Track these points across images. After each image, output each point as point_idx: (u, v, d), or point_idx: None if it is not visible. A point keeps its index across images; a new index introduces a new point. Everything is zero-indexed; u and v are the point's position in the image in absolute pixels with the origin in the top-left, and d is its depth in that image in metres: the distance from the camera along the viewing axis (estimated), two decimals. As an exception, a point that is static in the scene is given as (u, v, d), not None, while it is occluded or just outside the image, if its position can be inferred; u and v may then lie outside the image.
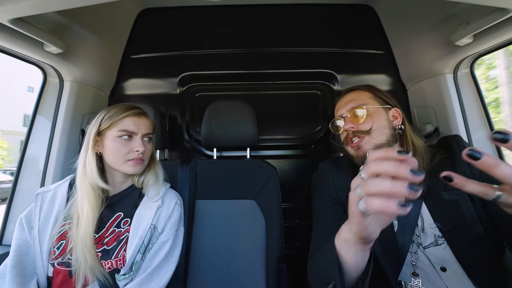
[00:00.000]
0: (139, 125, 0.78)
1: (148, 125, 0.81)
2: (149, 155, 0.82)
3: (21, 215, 0.77)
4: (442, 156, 0.73)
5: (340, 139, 0.84)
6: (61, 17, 0.91)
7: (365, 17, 1.38)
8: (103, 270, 0.70)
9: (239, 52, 1.39)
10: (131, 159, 0.77)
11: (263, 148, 1.40)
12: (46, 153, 1.08)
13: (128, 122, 0.77)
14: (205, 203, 1.01)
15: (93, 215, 0.72)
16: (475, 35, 0.87)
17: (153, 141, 0.86)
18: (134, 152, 0.76)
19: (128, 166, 0.77)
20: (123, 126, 0.76)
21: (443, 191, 0.68)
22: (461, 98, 1.09)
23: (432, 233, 0.67)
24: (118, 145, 0.76)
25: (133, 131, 0.77)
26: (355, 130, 0.75)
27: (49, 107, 1.10)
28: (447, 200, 0.67)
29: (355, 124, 0.75)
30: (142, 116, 0.81)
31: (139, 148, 0.76)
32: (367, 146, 0.72)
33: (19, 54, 0.90)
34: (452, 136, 0.76)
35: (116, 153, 0.76)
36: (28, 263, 0.73)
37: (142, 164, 0.80)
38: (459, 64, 1.06)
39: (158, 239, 0.77)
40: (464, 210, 0.65)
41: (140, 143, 0.77)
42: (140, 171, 0.80)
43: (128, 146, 0.76)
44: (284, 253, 0.94)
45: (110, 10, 1.17)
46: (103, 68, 1.27)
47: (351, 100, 0.79)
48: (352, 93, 0.83)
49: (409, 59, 1.27)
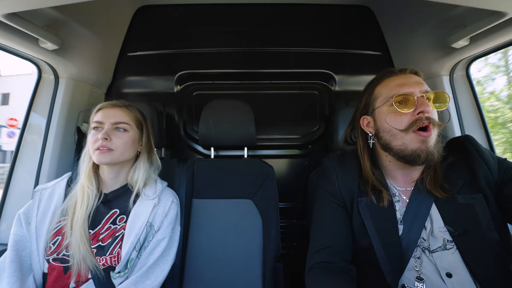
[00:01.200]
0: (108, 115, 0.79)
1: (119, 114, 0.80)
2: (121, 146, 0.78)
3: (20, 211, 0.77)
4: (454, 157, 0.69)
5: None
6: (56, 13, 0.90)
7: (363, 18, 1.39)
8: (94, 260, 0.70)
9: (237, 51, 1.39)
10: (97, 148, 0.76)
11: (261, 147, 1.40)
12: (41, 151, 1.06)
13: (99, 114, 0.79)
14: (202, 202, 1.01)
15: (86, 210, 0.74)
16: (471, 37, 0.88)
17: (142, 133, 0.85)
18: (99, 140, 0.76)
19: (96, 155, 0.76)
20: (95, 118, 0.79)
21: (457, 194, 0.65)
22: (457, 100, 1.10)
23: (442, 236, 0.64)
24: (90, 136, 0.78)
25: (100, 121, 0.78)
26: (431, 117, 0.63)
27: (44, 104, 1.09)
28: (461, 204, 0.64)
29: (435, 110, 0.65)
30: (115, 107, 0.81)
31: (101, 135, 0.75)
32: (432, 143, 0.63)
33: (13, 50, 0.88)
34: (464, 137, 0.72)
35: (89, 144, 0.78)
36: (25, 258, 0.73)
37: (110, 154, 0.76)
38: (455, 66, 1.07)
39: (154, 237, 0.77)
40: (479, 215, 0.62)
41: (104, 132, 0.76)
42: (107, 161, 0.77)
43: (96, 136, 0.77)
44: (280, 252, 0.95)
45: (107, 6, 1.16)
46: (100, 65, 1.26)
47: (421, 83, 0.67)
48: (417, 76, 0.70)
49: (406, 61, 1.28)
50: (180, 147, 1.43)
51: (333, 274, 0.63)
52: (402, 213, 0.68)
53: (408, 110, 0.64)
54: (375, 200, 0.68)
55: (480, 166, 0.65)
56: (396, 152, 0.67)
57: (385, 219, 0.67)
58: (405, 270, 0.64)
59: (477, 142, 0.69)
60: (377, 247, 0.64)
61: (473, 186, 0.65)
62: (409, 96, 0.64)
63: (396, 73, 0.72)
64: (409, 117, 0.64)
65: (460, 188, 0.65)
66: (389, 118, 0.67)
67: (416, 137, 0.63)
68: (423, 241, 0.65)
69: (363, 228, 0.67)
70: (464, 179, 0.66)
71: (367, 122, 0.75)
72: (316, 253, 0.69)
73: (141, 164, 0.84)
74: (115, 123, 0.79)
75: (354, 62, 1.39)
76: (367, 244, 0.66)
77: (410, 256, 0.64)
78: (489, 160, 0.65)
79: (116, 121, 0.79)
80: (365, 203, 0.69)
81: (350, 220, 0.71)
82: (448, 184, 0.66)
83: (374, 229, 0.66)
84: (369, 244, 0.66)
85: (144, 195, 0.81)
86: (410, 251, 0.64)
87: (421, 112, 0.62)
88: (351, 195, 0.72)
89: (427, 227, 0.65)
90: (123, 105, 0.83)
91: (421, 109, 0.62)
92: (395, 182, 0.72)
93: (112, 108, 0.81)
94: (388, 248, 0.64)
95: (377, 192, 0.69)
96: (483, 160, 0.65)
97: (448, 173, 0.68)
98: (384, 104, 0.68)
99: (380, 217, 0.67)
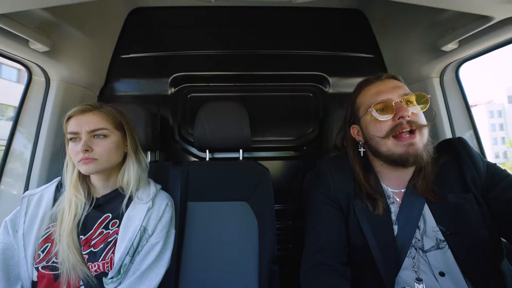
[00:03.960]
0: (81, 123, 0.72)
1: (93, 121, 0.73)
2: (104, 152, 0.74)
3: (6, 219, 0.75)
4: (445, 158, 0.70)
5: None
6: (47, 14, 0.88)
7: (356, 21, 1.41)
8: (86, 270, 0.68)
9: (232, 54, 1.39)
10: (79, 160, 0.72)
11: (256, 149, 1.40)
12: (31, 155, 1.04)
13: (72, 123, 0.73)
14: (197, 205, 1.00)
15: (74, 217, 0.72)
16: (460, 41, 0.91)
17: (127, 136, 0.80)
18: (79, 153, 0.71)
19: (80, 166, 0.73)
20: (69, 128, 0.74)
21: (448, 193, 0.66)
22: (447, 102, 1.13)
23: (434, 236, 0.65)
24: (70, 148, 0.74)
25: (75, 132, 0.72)
26: (412, 120, 0.63)
27: (35, 107, 1.06)
28: (452, 203, 0.65)
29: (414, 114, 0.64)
30: (86, 113, 0.74)
31: (80, 147, 0.71)
32: (420, 144, 0.64)
33: (3, 51, 0.86)
34: (457, 139, 0.73)
35: (72, 157, 0.74)
36: (13, 267, 0.70)
37: (95, 162, 0.73)
38: (445, 69, 1.10)
39: (148, 241, 0.76)
40: (469, 214, 0.63)
41: (82, 143, 0.71)
42: (93, 170, 0.74)
43: (76, 148, 0.72)
44: (276, 254, 0.94)
45: (100, 8, 1.15)
46: (92, 67, 1.24)
47: (398, 87, 0.68)
48: (393, 80, 0.71)
49: (398, 63, 1.30)
50: (175, 150, 1.42)
51: (328, 275, 0.64)
52: (396, 214, 0.69)
53: (388, 117, 0.65)
54: (370, 207, 0.69)
55: (469, 169, 0.67)
56: (385, 158, 0.69)
57: (380, 221, 0.68)
58: (401, 270, 0.65)
59: (469, 145, 0.71)
60: (373, 248, 0.65)
61: (463, 186, 0.66)
62: (387, 102, 0.66)
63: (372, 81, 0.73)
64: (389, 123, 0.65)
65: (451, 188, 0.67)
66: (370, 126, 0.70)
67: (398, 142, 0.65)
68: (417, 241, 0.66)
69: (359, 230, 0.68)
70: (455, 179, 0.68)
71: (356, 131, 0.77)
72: (311, 255, 0.69)
73: (130, 166, 0.80)
74: (92, 131, 0.73)
75: (348, 64, 1.41)
76: (363, 245, 0.67)
77: (405, 255, 0.65)
78: (478, 163, 0.67)
79: (92, 128, 0.73)
80: (361, 206, 0.70)
81: (346, 222, 0.72)
82: (440, 184, 0.68)
83: (370, 230, 0.67)
84: (365, 244, 0.67)
85: (138, 198, 0.79)
86: (405, 251, 0.65)
87: (401, 117, 0.63)
88: (347, 197, 0.73)
89: (421, 227, 0.67)
90: (94, 107, 0.76)
91: (400, 115, 0.63)
92: (389, 184, 0.74)
93: (83, 114, 0.73)
94: (384, 249, 0.65)
95: (372, 200, 0.70)
96: (472, 163, 0.67)
97: (440, 173, 0.69)
98: (366, 114, 0.71)
99: (376, 219, 0.68)
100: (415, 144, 0.63)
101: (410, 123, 0.63)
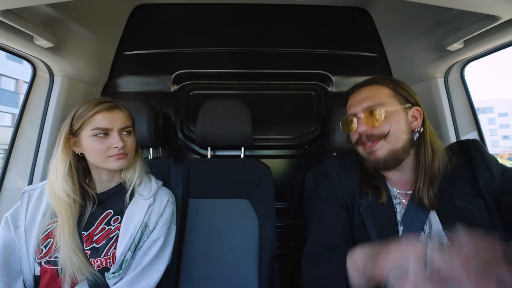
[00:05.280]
0: (113, 120, 0.74)
1: (123, 118, 0.77)
2: (132, 148, 0.79)
3: (7, 214, 0.75)
4: (457, 161, 0.68)
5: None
6: (52, 10, 0.89)
7: (360, 20, 1.40)
8: (92, 270, 0.69)
9: (235, 51, 1.39)
10: (112, 155, 0.74)
11: (258, 147, 1.41)
12: (35, 150, 1.05)
13: (100, 118, 0.72)
14: (198, 202, 1.01)
15: (73, 219, 0.71)
16: (466, 40, 0.89)
17: (134, 133, 0.82)
18: (114, 148, 0.73)
19: (111, 162, 0.74)
20: (96, 124, 0.72)
21: (456, 198, 0.64)
22: (451, 102, 1.12)
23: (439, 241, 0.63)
24: (95, 144, 0.72)
25: (107, 128, 0.73)
26: (369, 134, 0.67)
27: (39, 102, 1.07)
28: (460, 208, 0.63)
29: (370, 128, 0.67)
30: (114, 110, 0.76)
31: (118, 144, 0.73)
32: (382, 151, 0.66)
33: (8, 47, 0.87)
34: (471, 141, 0.70)
35: (95, 153, 0.73)
36: (14, 262, 0.71)
37: (126, 158, 0.76)
38: (450, 69, 1.09)
39: (149, 237, 0.76)
40: (477, 219, 0.61)
41: (117, 138, 0.73)
42: (125, 165, 0.77)
43: (106, 144, 0.73)
44: (277, 252, 0.95)
45: (103, 5, 1.15)
46: (96, 64, 1.25)
47: (367, 98, 0.69)
48: (369, 88, 0.72)
49: (402, 63, 1.29)
50: (177, 147, 1.42)
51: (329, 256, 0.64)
52: (401, 215, 0.69)
53: (352, 130, 0.72)
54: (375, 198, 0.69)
55: (482, 173, 0.64)
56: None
57: (385, 220, 0.67)
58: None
59: (484, 148, 0.68)
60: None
61: (473, 191, 0.64)
62: (352, 117, 0.71)
63: (350, 93, 0.76)
64: (355, 135, 0.72)
65: (460, 192, 0.65)
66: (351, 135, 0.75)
67: (364, 150, 0.71)
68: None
69: (364, 229, 0.68)
70: (466, 183, 0.66)
71: None
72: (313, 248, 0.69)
73: (137, 163, 0.83)
74: (123, 128, 0.76)
75: (351, 63, 1.40)
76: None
77: None
78: (493, 167, 0.64)
79: (124, 125, 0.76)
80: (366, 205, 0.69)
81: (350, 220, 0.72)
82: (448, 187, 0.66)
83: (375, 230, 0.66)
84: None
85: (139, 194, 0.80)
86: None
87: (358, 132, 0.70)
88: (352, 196, 0.72)
89: (426, 231, 0.66)
90: (118, 105, 0.78)
91: (357, 131, 0.70)
92: (393, 184, 0.73)
93: (112, 111, 0.75)
94: None
95: (376, 189, 0.70)
96: (486, 167, 0.64)
97: (450, 175, 0.67)
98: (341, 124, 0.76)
99: (381, 219, 0.67)
100: (375, 152, 0.67)
101: (368, 137, 0.68)
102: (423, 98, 1.18)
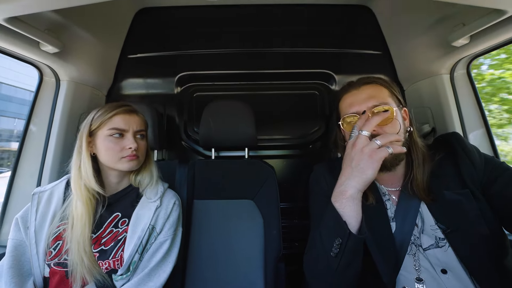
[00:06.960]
0: (130, 122, 0.78)
1: (139, 122, 0.81)
2: (143, 152, 0.82)
3: (17, 216, 0.76)
4: (441, 155, 0.70)
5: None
6: (57, 16, 0.90)
7: (362, 18, 1.39)
8: (101, 271, 0.70)
9: (237, 52, 1.39)
10: (125, 156, 0.76)
11: (261, 148, 1.40)
12: (43, 153, 1.07)
13: (118, 120, 0.77)
14: (203, 203, 1.01)
15: (88, 217, 0.72)
16: (472, 36, 0.88)
17: (146, 138, 0.85)
18: (127, 149, 0.76)
19: (123, 163, 0.76)
20: (113, 124, 0.76)
21: (445, 190, 0.66)
22: (458, 98, 1.10)
23: (433, 234, 0.64)
24: (110, 144, 0.75)
25: (123, 129, 0.77)
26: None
27: (46, 106, 1.09)
28: (450, 200, 0.64)
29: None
30: (132, 113, 0.80)
31: (132, 145, 0.76)
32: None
33: (15, 53, 0.89)
34: (450, 134, 0.73)
35: (109, 152, 0.76)
36: (25, 263, 0.72)
37: (137, 160, 0.79)
38: (456, 65, 1.07)
39: (156, 239, 0.77)
40: (468, 210, 0.62)
41: (132, 140, 0.77)
42: (135, 167, 0.79)
43: (120, 144, 0.76)
44: (282, 252, 0.95)
45: (107, 9, 1.16)
46: (100, 67, 1.26)
47: (373, 97, 0.68)
48: (370, 87, 0.71)
49: (406, 60, 1.27)
50: (181, 149, 1.43)
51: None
52: (393, 211, 0.69)
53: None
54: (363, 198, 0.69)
55: (465, 164, 0.66)
56: None
57: (377, 217, 0.68)
58: (402, 269, 0.64)
59: (464, 139, 0.70)
60: (370, 246, 0.65)
61: (461, 182, 0.66)
62: (356, 116, 0.69)
63: (348, 90, 0.75)
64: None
65: (448, 184, 0.66)
66: (345, 134, 0.75)
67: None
68: (416, 239, 0.66)
69: None
70: (452, 175, 0.67)
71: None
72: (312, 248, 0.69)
73: (153, 168, 0.87)
74: (137, 131, 0.80)
75: (354, 61, 1.39)
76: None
77: (405, 253, 0.64)
78: (474, 158, 0.66)
79: (139, 129, 0.80)
80: None
81: None
82: (436, 181, 0.67)
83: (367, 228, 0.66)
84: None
85: (146, 197, 0.81)
86: (404, 248, 0.65)
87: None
88: None
89: (418, 225, 0.67)
90: (136, 110, 0.83)
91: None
92: (382, 182, 0.74)
93: (130, 114, 0.79)
94: (382, 246, 0.65)
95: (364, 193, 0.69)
96: (468, 157, 0.66)
97: (436, 170, 0.68)
98: (343, 121, 0.74)
99: (372, 216, 0.68)
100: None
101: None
102: (428, 95, 1.18)
